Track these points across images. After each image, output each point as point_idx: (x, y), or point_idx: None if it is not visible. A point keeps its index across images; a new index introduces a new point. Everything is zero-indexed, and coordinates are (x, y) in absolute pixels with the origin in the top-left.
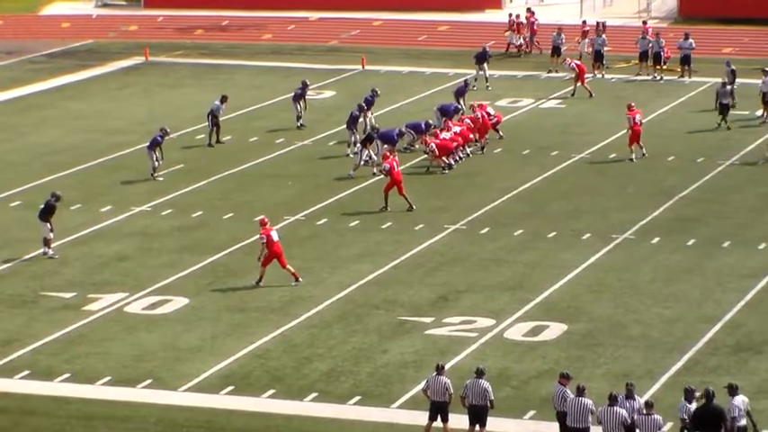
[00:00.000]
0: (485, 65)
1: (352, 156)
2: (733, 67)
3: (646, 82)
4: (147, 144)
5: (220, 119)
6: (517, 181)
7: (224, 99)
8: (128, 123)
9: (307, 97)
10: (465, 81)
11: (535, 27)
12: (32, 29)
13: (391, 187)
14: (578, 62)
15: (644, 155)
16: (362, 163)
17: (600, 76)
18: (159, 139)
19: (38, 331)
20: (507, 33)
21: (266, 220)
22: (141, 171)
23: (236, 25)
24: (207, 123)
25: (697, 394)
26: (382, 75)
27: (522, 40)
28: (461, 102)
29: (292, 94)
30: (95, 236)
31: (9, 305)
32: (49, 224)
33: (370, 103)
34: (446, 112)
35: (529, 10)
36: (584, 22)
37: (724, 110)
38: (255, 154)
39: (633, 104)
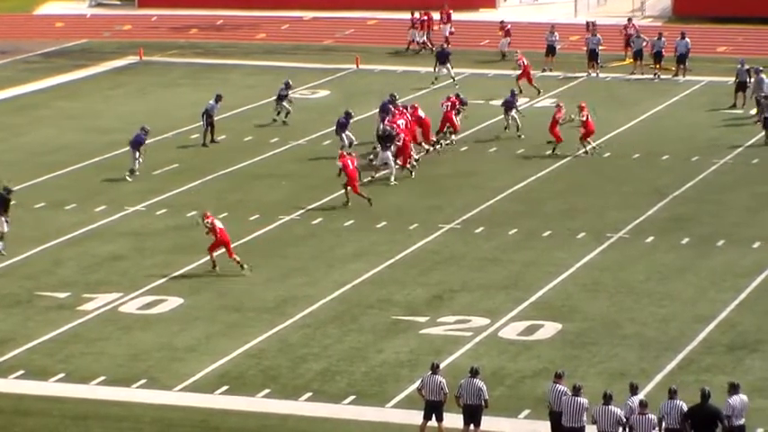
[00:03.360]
0: (447, 64)
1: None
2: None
3: (640, 81)
4: (131, 142)
5: (215, 118)
6: (512, 180)
7: (218, 98)
8: (122, 123)
9: (289, 97)
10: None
11: (432, 22)
12: (26, 28)
13: (348, 185)
14: (526, 62)
15: (595, 149)
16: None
17: (595, 75)
18: (143, 137)
19: (32, 331)
20: (410, 31)
21: (209, 213)
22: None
23: (230, 25)
24: (201, 123)
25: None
26: (376, 74)
27: (424, 38)
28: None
29: (276, 95)
30: (90, 236)
31: (3, 305)
32: (3, 217)
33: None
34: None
35: (425, 7)
36: (503, 21)
37: None
38: (250, 153)
39: (584, 104)
